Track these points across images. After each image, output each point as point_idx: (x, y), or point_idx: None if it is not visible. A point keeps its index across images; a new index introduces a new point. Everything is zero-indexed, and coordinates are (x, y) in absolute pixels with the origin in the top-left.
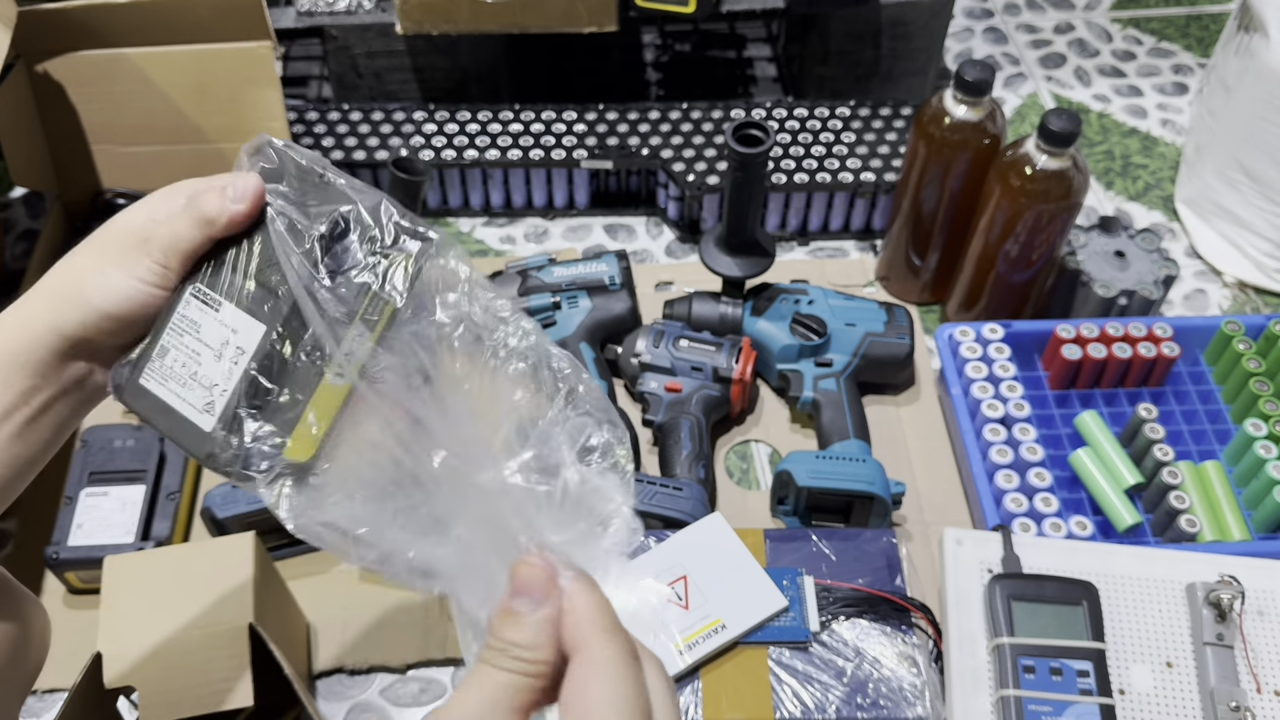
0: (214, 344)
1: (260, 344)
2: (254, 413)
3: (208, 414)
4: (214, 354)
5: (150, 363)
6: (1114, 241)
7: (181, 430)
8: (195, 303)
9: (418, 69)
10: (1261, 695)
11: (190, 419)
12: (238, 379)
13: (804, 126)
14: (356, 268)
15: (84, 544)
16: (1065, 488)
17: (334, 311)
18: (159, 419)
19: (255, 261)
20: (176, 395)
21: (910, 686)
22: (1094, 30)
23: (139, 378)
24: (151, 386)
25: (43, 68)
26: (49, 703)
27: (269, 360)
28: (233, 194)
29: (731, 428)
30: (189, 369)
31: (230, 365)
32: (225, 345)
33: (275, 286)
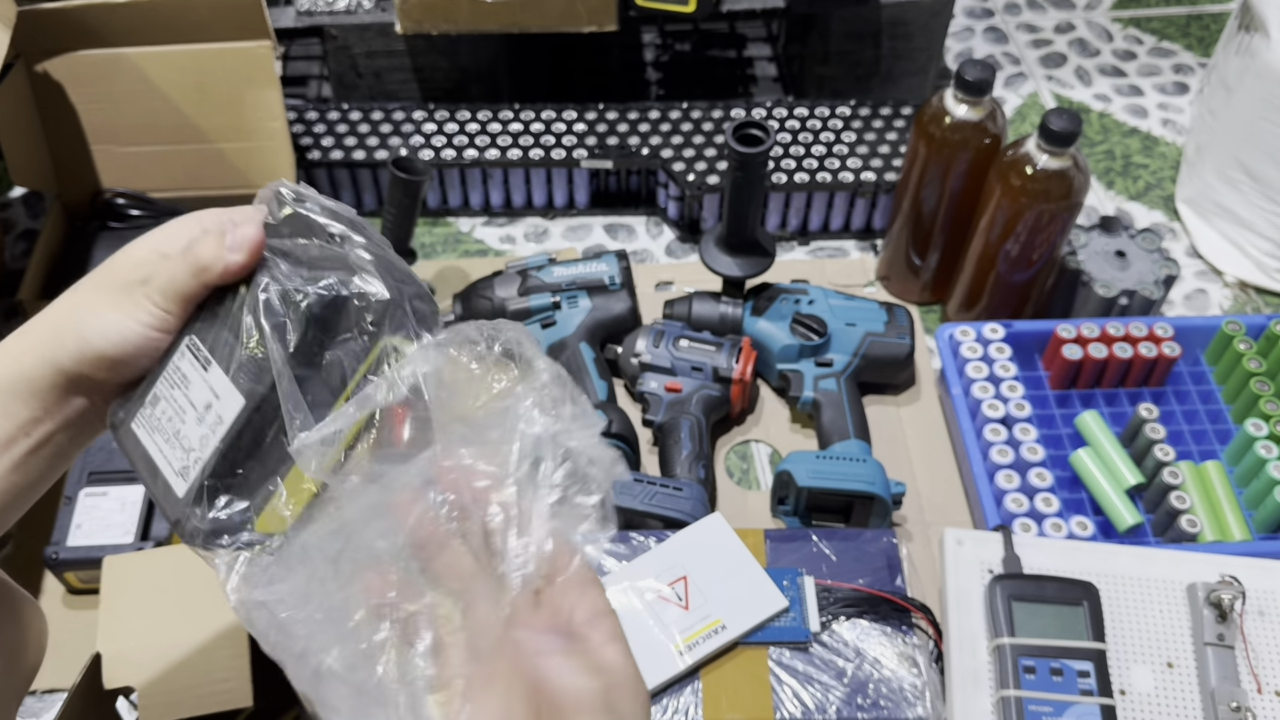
0: (198, 405)
1: (238, 417)
2: (223, 487)
3: (181, 479)
4: (196, 416)
5: (143, 409)
6: (1115, 241)
7: (158, 487)
8: (189, 355)
9: (417, 69)
10: (1262, 695)
11: (167, 479)
12: (211, 449)
13: (804, 126)
14: (345, 354)
15: (83, 544)
16: (1066, 488)
17: (315, 397)
18: (142, 468)
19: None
20: (159, 450)
21: (911, 687)
22: (1095, 30)
23: (130, 421)
24: (140, 434)
25: (42, 67)
26: (48, 703)
27: (243, 436)
28: (230, 243)
29: (731, 428)
30: (173, 425)
31: (208, 432)
32: (208, 409)
33: (261, 358)
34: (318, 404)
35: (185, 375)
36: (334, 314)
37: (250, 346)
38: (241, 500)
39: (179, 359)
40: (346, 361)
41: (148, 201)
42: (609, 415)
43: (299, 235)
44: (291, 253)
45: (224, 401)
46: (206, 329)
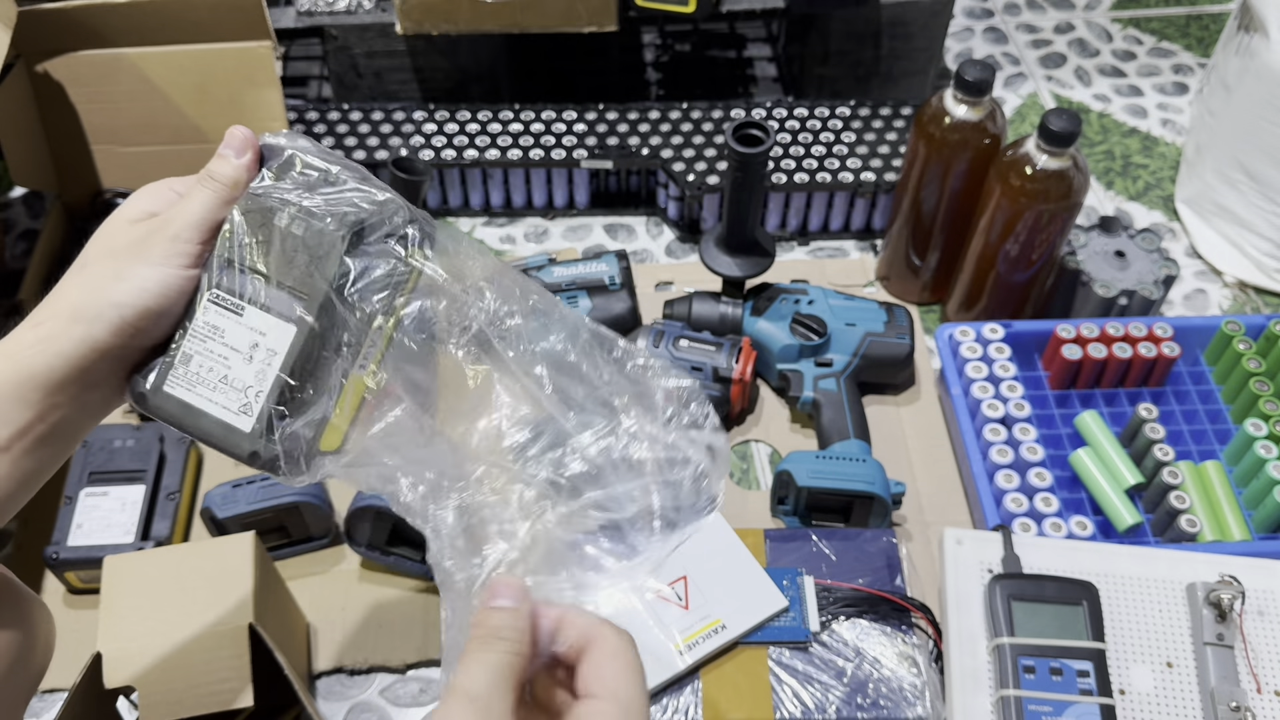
0: (242, 348)
1: (291, 345)
2: (289, 411)
3: (245, 415)
4: (244, 357)
5: (174, 370)
6: (1114, 241)
7: (218, 432)
8: (215, 309)
9: (418, 69)
10: (1262, 695)
11: (227, 420)
12: (271, 380)
13: (804, 126)
14: (376, 265)
15: (84, 544)
16: (1065, 488)
17: (358, 309)
18: (191, 422)
19: (270, 263)
20: (208, 399)
21: (910, 686)
22: (1094, 30)
23: (164, 385)
24: (178, 393)
25: (43, 68)
26: (49, 703)
27: (301, 361)
28: (233, 152)
29: (731, 428)
30: (218, 373)
31: (263, 367)
32: (255, 348)
33: (297, 287)
34: (363, 319)
35: (217, 327)
36: (357, 236)
37: (285, 276)
38: (304, 418)
39: (204, 314)
40: (377, 272)
41: None
42: None
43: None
44: (294, 187)
45: (271, 336)
46: (226, 282)
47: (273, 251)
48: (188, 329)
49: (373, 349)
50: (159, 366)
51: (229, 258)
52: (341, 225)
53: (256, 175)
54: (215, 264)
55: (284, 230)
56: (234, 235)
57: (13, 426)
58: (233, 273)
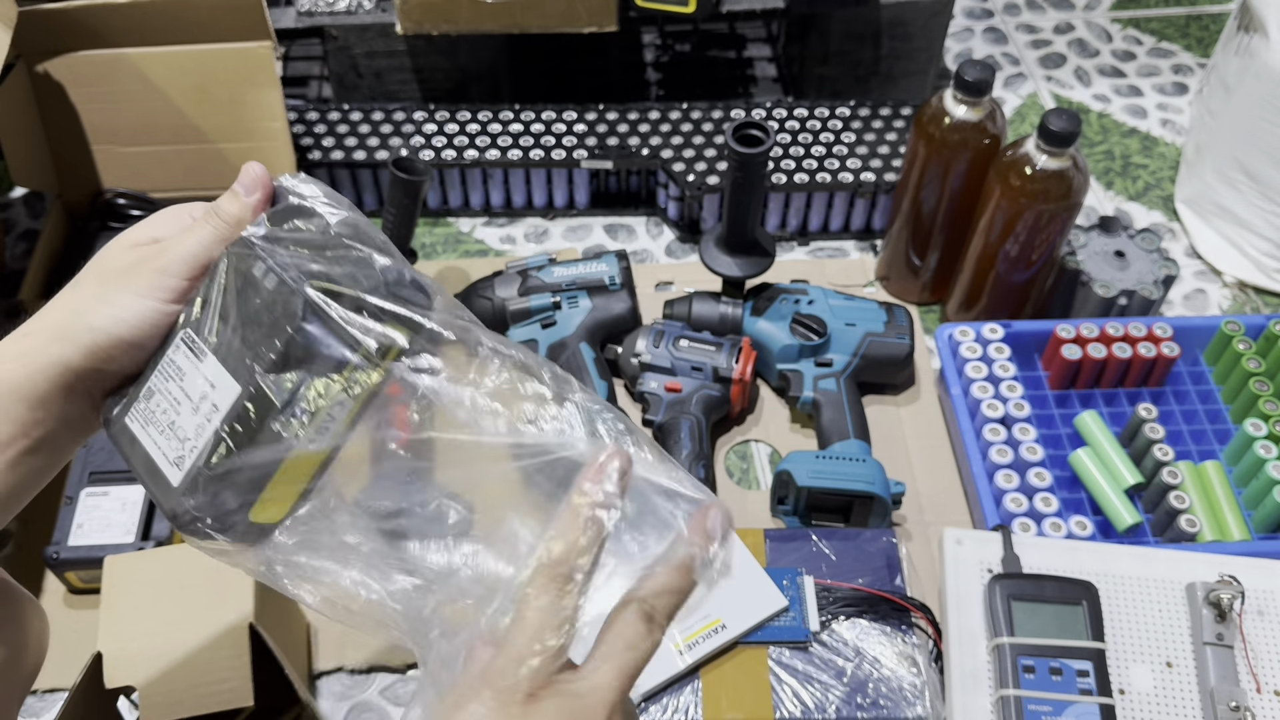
0: (194, 396)
1: (234, 405)
2: (220, 475)
3: (176, 469)
4: (192, 407)
5: (136, 403)
6: (1114, 241)
7: (153, 479)
8: (184, 348)
9: (418, 69)
10: (1261, 695)
11: (162, 470)
12: (208, 438)
13: (804, 126)
14: (341, 337)
15: (84, 544)
16: (1065, 487)
17: (313, 379)
18: (137, 462)
19: (238, 314)
20: (154, 442)
21: (910, 686)
22: (1094, 30)
23: (124, 416)
24: (134, 428)
25: (43, 68)
26: (49, 702)
27: (241, 423)
28: (243, 190)
29: (731, 428)
30: (168, 417)
31: (204, 421)
32: (203, 400)
33: (256, 345)
34: (313, 396)
35: (180, 368)
36: (331, 300)
37: (249, 332)
38: (236, 488)
39: (174, 352)
40: (341, 347)
41: (148, 202)
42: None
43: (293, 222)
44: (285, 239)
45: (220, 391)
46: (199, 321)
47: (243, 303)
48: (158, 363)
49: (329, 425)
50: (127, 396)
51: (205, 298)
52: (301, 299)
53: (265, 205)
54: (197, 302)
55: (257, 283)
56: (215, 277)
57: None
58: (205, 316)
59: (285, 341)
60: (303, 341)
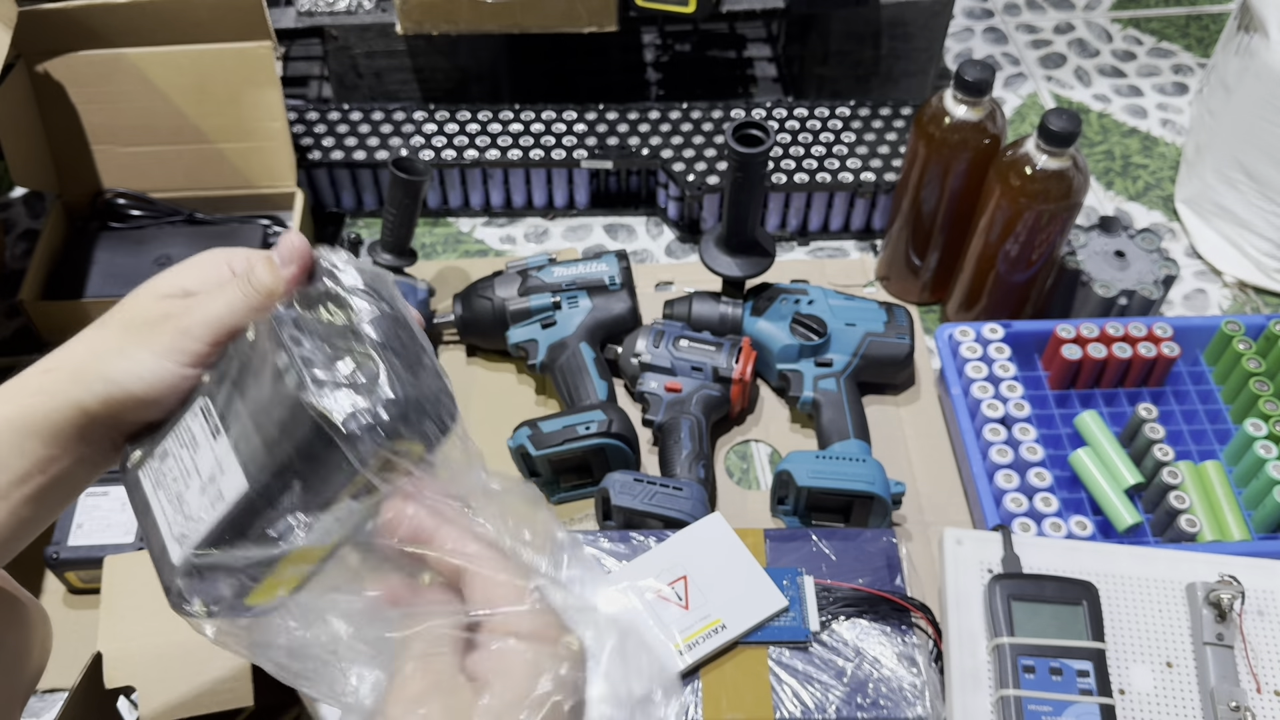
0: (203, 473)
1: (239, 501)
2: (217, 565)
3: (178, 545)
4: (200, 485)
5: (151, 460)
6: (1114, 241)
7: (154, 546)
8: (200, 418)
9: (418, 69)
10: (1261, 695)
11: (165, 540)
12: (209, 526)
13: (804, 126)
14: (352, 456)
15: (84, 544)
16: (1065, 488)
17: (319, 490)
18: (143, 520)
19: (255, 400)
20: (162, 509)
21: (910, 686)
22: (1094, 30)
23: (139, 470)
24: (146, 486)
25: (43, 68)
26: (49, 703)
27: (244, 520)
28: (280, 259)
29: (731, 428)
30: (178, 487)
31: (209, 505)
32: (211, 482)
33: (267, 439)
34: (319, 501)
35: (195, 438)
36: (354, 412)
37: (262, 422)
38: (232, 579)
39: (191, 419)
40: (349, 466)
41: (148, 201)
42: (609, 415)
43: (327, 306)
44: (315, 330)
45: (228, 478)
46: (219, 392)
47: (259, 391)
48: (176, 424)
49: (331, 530)
50: (145, 446)
51: (225, 372)
52: (313, 416)
53: (300, 280)
54: (219, 370)
55: (278, 376)
56: (237, 352)
57: (10, 474)
58: (223, 391)
59: (295, 451)
60: (312, 455)
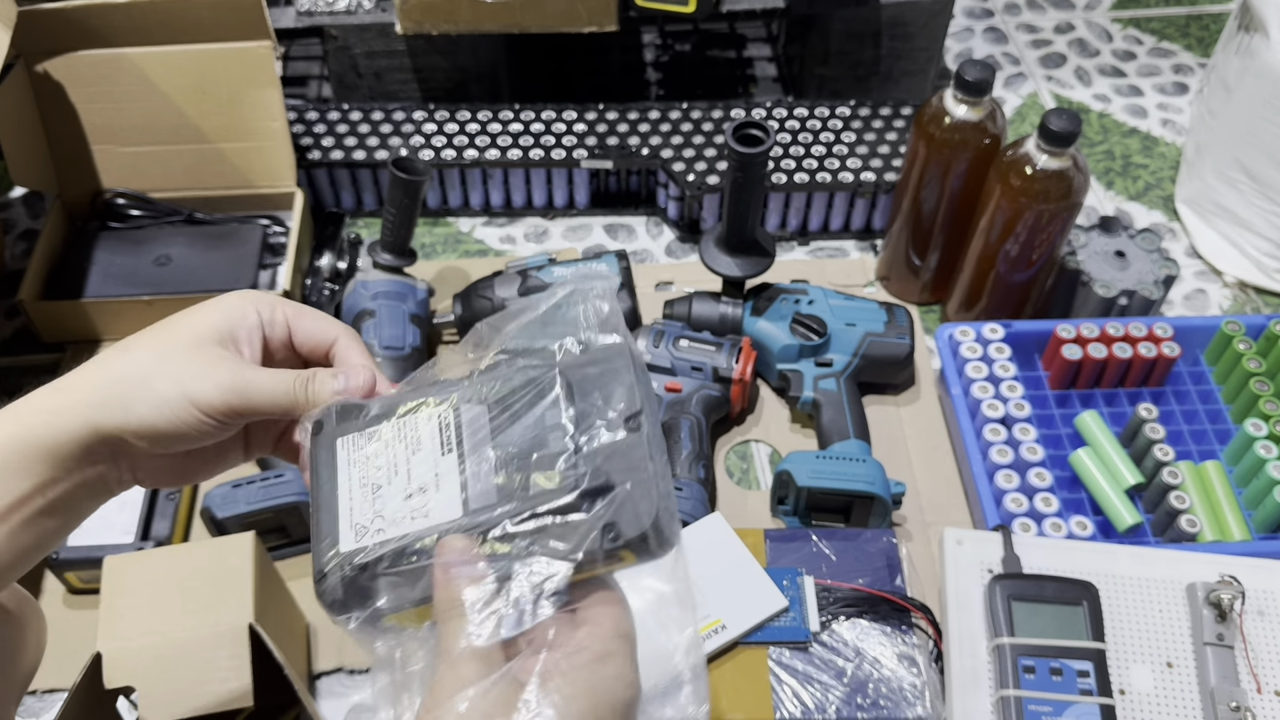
0: (414, 479)
1: (444, 527)
2: (387, 577)
3: (353, 534)
4: (405, 489)
5: (357, 434)
6: (1114, 241)
7: (325, 523)
8: (435, 425)
9: (417, 69)
10: (1262, 695)
11: (338, 521)
12: (397, 538)
13: (804, 126)
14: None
15: (83, 544)
16: (1065, 488)
17: (522, 541)
18: (320, 486)
19: (520, 447)
20: (349, 487)
21: (910, 686)
22: (1094, 30)
23: (339, 435)
24: (341, 455)
25: (43, 67)
26: (48, 703)
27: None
28: (344, 383)
29: (731, 428)
30: (378, 476)
31: (408, 516)
32: (421, 492)
33: (506, 490)
34: (521, 550)
35: (420, 440)
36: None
37: (505, 463)
38: (390, 594)
39: (423, 420)
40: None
41: (148, 201)
42: None
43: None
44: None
45: (441, 500)
46: (466, 413)
47: (525, 443)
48: (398, 413)
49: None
50: (351, 415)
51: (485, 398)
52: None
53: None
54: (471, 390)
55: (543, 440)
56: (507, 383)
57: (11, 496)
58: (474, 415)
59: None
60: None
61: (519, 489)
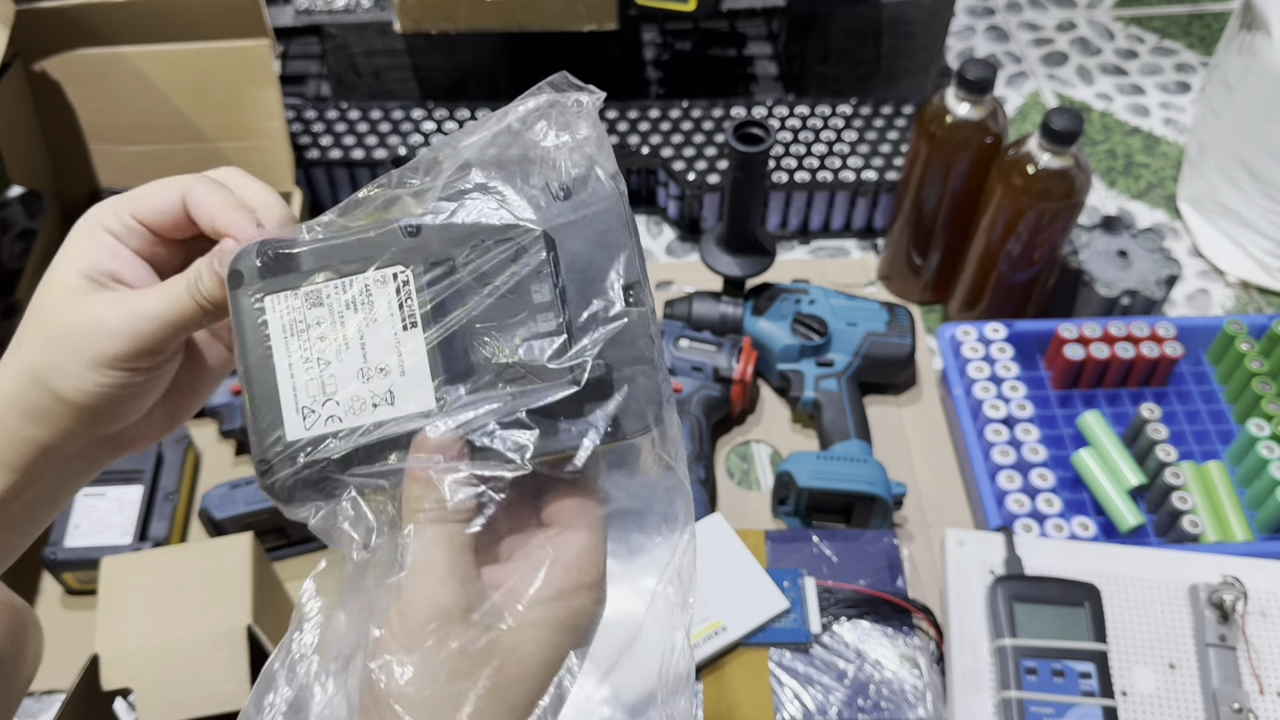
0: (371, 357)
1: (413, 417)
2: (351, 478)
3: (299, 418)
4: (360, 367)
5: (290, 292)
6: (1116, 241)
7: (258, 395)
8: (391, 290)
9: (416, 67)
10: (1264, 696)
11: (278, 399)
12: (354, 429)
13: (805, 125)
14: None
15: (81, 544)
16: (1068, 488)
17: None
18: (249, 351)
19: (480, 319)
20: (287, 359)
21: (912, 688)
22: (1096, 29)
23: (266, 294)
24: (271, 318)
25: (41, 66)
26: (46, 704)
27: (408, 441)
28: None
29: (732, 428)
30: (324, 350)
31: (366, 402)
32: (381, 374)
33: (476, 372)
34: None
35: (375, 308)
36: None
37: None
38: (344, 482)
39: (377, 284)
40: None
41: None
42: None
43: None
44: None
45: (407, 385)
46: (430, 276)
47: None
48: (346, 273)
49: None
50: (282, 268)
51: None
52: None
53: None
54: (436, 251)
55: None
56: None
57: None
58: (443, 284)
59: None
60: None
61: (502, 379)
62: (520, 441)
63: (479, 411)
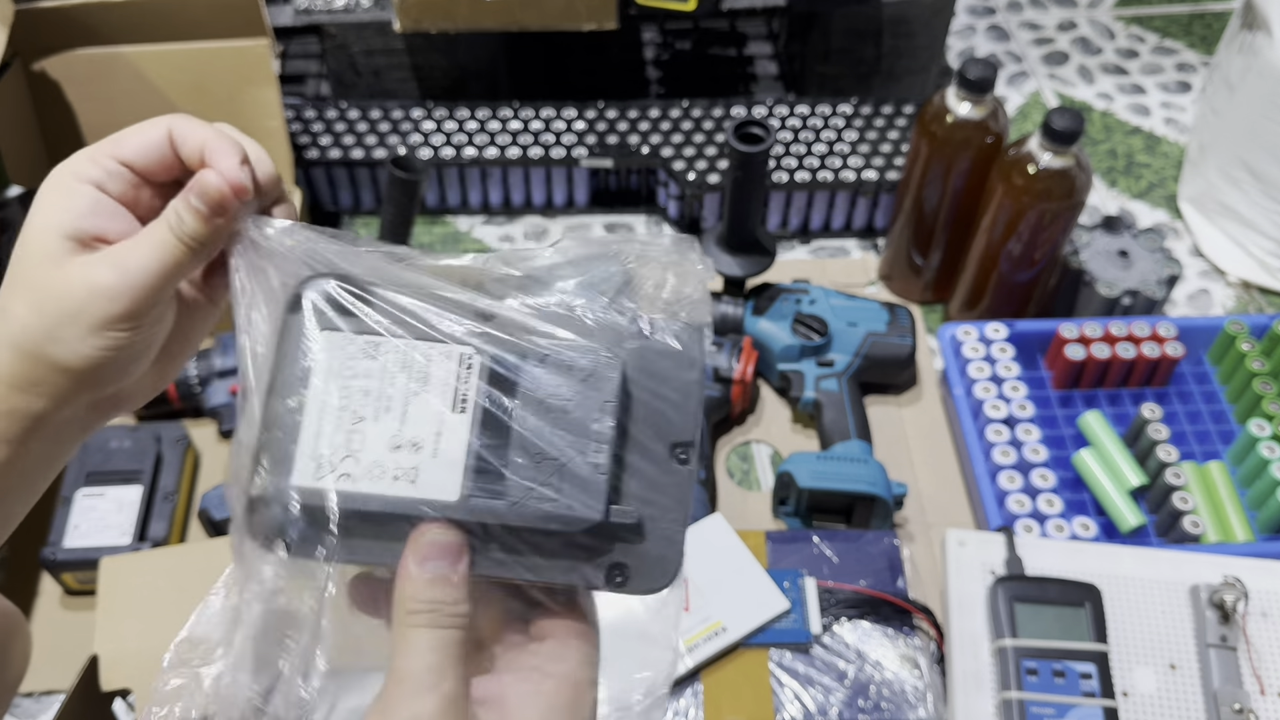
0: (410, 426)
1: (429, 506)
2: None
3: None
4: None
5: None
6: (1117, 241)
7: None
8: (456, 363)
9: (416, 67)
10: (1265, 697)
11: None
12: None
13: (805, 125)
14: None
15: (80, 545)
16: (1068, 489)
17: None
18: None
19: (527, 427)
20: (320, 399)
21: (912, 689)
22: (1097, 28)
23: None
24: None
25: (40, 66)
26: (46, 705)
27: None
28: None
29: (732, 428)
30: (363, 405)
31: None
32: (414, 448)
33: (507, 477)
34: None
35: (428, 379)
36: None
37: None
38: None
39: (442, 355)
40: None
41: None
42: None
43: None
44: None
45: (436, 470)
46: (502, 366)
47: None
48: (409, 337)
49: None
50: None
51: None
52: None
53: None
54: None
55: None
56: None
57: None
58: (507, 372)
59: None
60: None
61: (528, 492)
62: (528, 563)
63: (493, 513)
